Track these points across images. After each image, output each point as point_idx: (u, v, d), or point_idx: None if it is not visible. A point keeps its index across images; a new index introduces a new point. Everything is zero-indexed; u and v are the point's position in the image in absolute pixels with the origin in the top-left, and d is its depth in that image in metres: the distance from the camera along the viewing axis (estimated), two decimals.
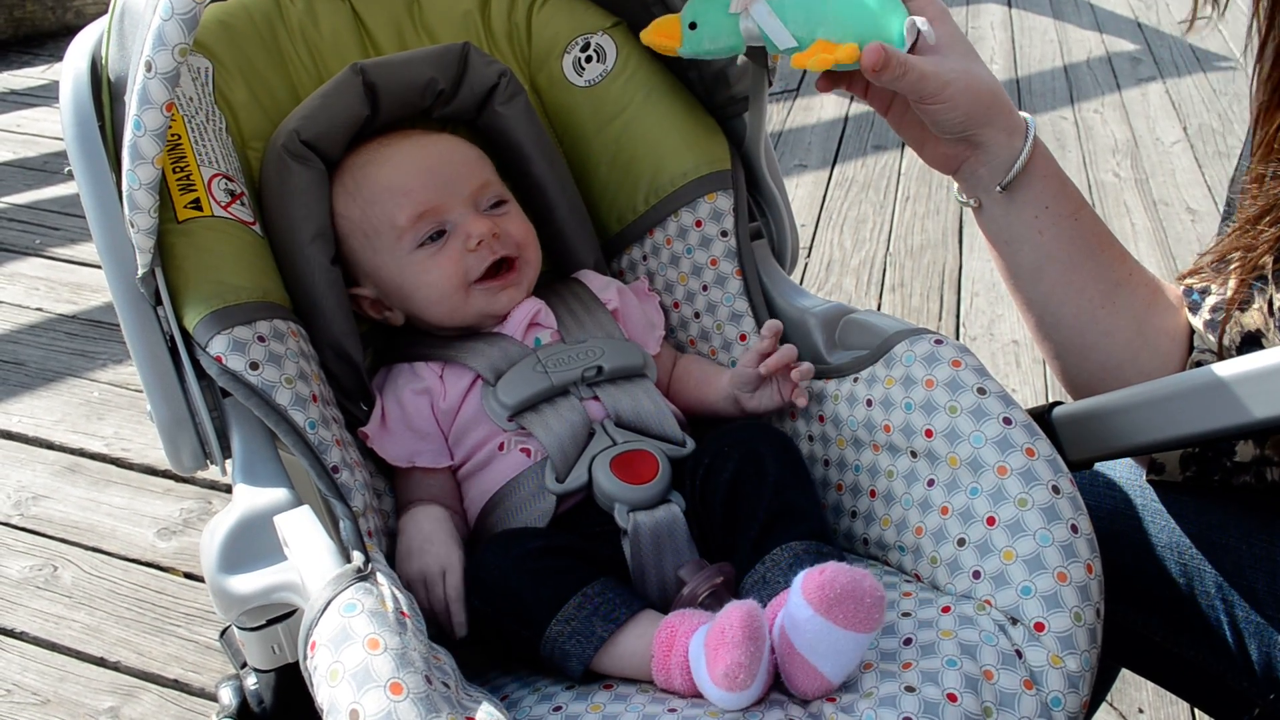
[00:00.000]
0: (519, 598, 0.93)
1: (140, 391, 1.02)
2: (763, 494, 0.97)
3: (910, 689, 0.79)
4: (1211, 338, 0.98)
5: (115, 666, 1.77)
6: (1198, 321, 1.00)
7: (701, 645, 0.82)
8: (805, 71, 0.98)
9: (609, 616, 0.89)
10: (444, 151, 1.17)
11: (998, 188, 1.00)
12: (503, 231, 1.13)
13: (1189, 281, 1.03)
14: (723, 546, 0.99)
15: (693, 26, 1.02)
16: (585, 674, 0.89)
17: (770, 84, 1.17)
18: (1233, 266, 0.98)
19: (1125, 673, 1.25)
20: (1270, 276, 0.94)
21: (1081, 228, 1.01)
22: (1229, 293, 0.97)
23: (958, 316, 2.74)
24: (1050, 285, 1.02)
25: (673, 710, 0.82)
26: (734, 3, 0.99)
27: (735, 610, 0.81)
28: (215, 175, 1.03)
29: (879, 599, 0.79)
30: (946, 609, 0.88)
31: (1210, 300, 1.00)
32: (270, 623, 0.91)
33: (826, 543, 0.96)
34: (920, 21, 0.94)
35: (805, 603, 0.79)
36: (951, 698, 0.79)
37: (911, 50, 0.94)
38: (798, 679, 0.81)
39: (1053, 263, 1.01)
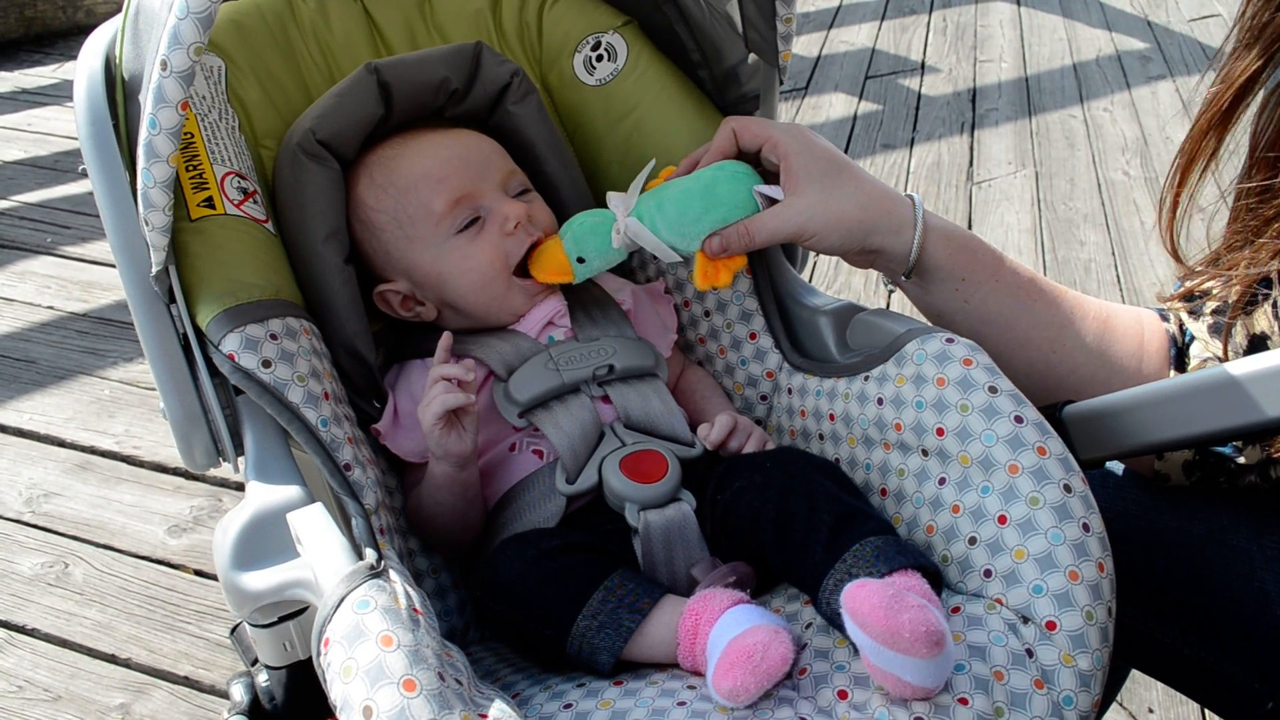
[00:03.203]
0: (540, 597, 0.92)
1: (151, 389, 1.02)
2: (820, 502, 0.93)
3: None
4: (1216, 342, 0.98)
5: (126, 663, 1.78)
6: (1200, 327, 1.00)
7: (722, 645, 0.81)
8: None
9: (634, 607, 0.88)
10: (470, 142, 1.18)
11: (904, 277, 1.02)
12: (534, 216, 1.14)
13: (1189, 285, 1.03)
14: (776, 552, 0.95)
15: (581, 260, 1.10)
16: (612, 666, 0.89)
17: (781, 82, 1.17)
18: (1236, 271, 0.97)
19: (1135, 672, 1.24)
20: (1275, 279, 0.94)
21: (1004, 287, 1.02)
22: (1232, 297, 0.97)
23: None
24: (995, 345, 1.02)
25: (681, 704, 0.82)
26: (615, 239, 1.08)
27: (777, 645, 0.80)
28: (228, 173, 1.03)
29: (928, 633, 0.74)
30: (956, 609, 0.88)
31: (1210, 305, 1.00)
32: (282, 620, 0.91)
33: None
34: (763, 190, 1.03)
35: (855, 627, 0.77)
36: (963, 701, 0.79)
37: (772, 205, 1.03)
38: (887, 687, 0.78)
39: (988, 325, 1.03)
